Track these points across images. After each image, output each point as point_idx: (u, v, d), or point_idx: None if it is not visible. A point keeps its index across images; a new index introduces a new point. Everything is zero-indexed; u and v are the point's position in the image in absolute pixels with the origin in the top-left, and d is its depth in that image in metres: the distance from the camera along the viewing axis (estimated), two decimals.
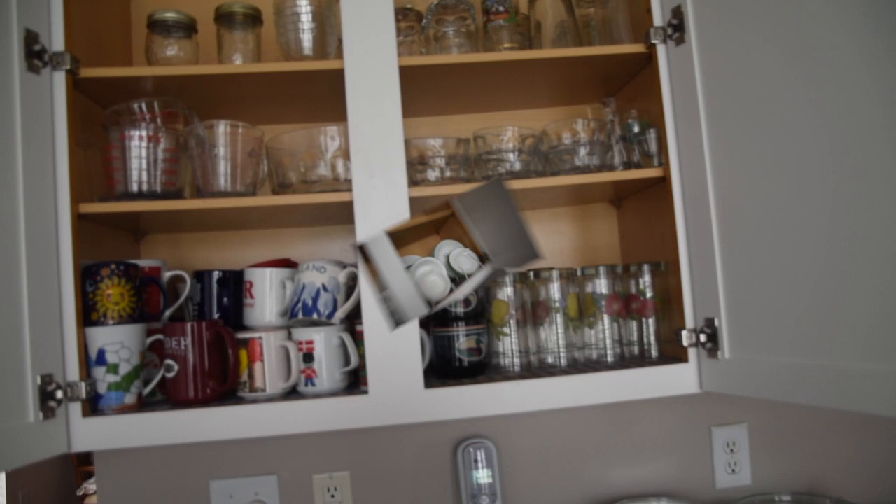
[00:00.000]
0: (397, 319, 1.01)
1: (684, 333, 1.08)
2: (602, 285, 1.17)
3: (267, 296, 1.14)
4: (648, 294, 1.18)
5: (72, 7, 1.04)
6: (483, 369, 1.12)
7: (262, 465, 1.37)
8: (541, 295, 1.17)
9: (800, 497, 1.36)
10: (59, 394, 0.97)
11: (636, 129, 1.17)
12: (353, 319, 1.13)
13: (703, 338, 1.05)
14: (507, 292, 1.15)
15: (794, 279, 0.88)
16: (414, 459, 1.39)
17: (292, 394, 1.10)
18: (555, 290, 1.16)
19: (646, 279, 1.18)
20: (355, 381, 1.12)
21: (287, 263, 1.24)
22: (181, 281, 1.19)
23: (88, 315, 1.03)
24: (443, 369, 1.11)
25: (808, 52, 0.84)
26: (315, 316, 1.07)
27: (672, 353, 1.14)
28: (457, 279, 1.08)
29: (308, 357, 1.07)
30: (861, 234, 0.78)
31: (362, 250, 1.02)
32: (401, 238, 1.05)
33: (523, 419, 1.41)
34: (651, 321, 1.18)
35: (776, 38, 0.88)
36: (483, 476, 1.30)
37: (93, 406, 1.03)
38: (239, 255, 1.35)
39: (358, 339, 1.08)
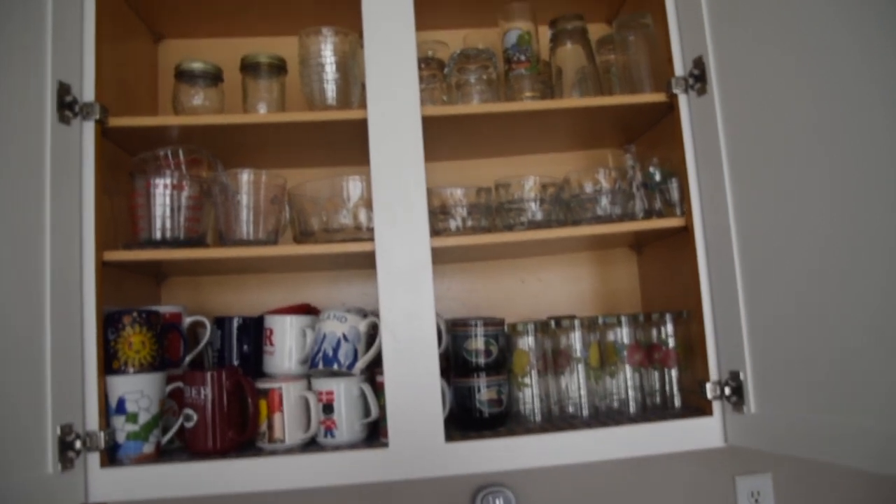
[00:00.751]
0: None
1: (708, 386, 1.06)
2: (624, 334, 1.16)
3: (287, 344, 1.14)
4: (671, 343, 1.16)
5: (102, 58, 1.07)
6: (504, 420, 1.11)
7: None
8: (562, 343, 1.16)
9: None
10: (78, 444, 0.96)
11: (658, 177, 1.17)
12: (374, 369, 1.12)
13: (727, 391, 1.04)
14: (528, 342, 1.14)
15: (821, 332, 0.86)
16: None
17: (311, 445, 1.09)
18: (576, 338, 1.15)
19: (668, 328, 1.17)
20: (375, 432, 1.11)
21: (307, 309, 1.24)
22: (201, 326, 1.19)
23: (109, 363, 1.04)
24: (463, 420, 1.10)
25: (832, 103, 0.83)
26: (335, 366, 1.07)
27: (695, 403, 1.12)
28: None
29: (328, 408, 1.07)
30: (892, 287, 0.77)
31: None
32: None
33: (544, 468, 1.39)
34: (674, 371, 1.17)
35: (799, 89, 0.88)
36: None
37: (110, 456, 1.02)
38: (258, 299, 1.35)
39: (378, 389, 1.07)
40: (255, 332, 1.19)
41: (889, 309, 0.77)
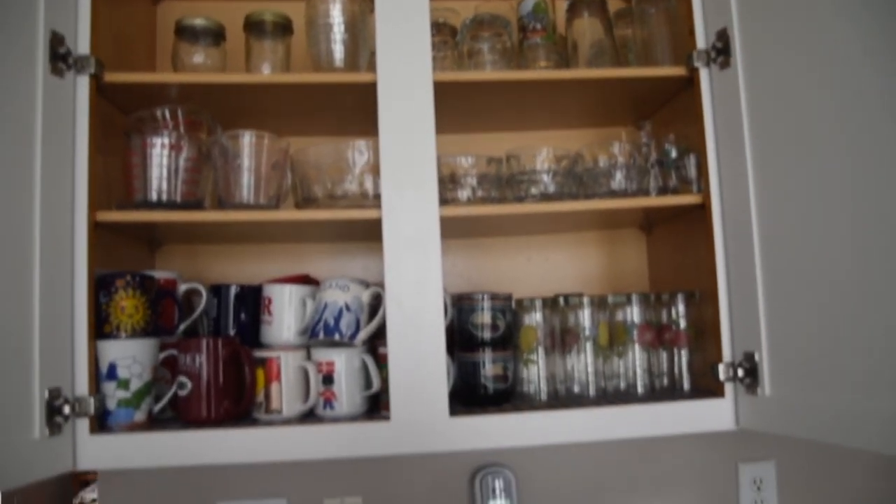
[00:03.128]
0: None
1: (721, 367, 1.03)
2: (634, 314, 1.12)
3: (286, 313, 1.09)
4: (682, 325, 1.13)
5: (99, 10, 1.02)
6: (509, 397, 1.08)
7: (271, 488, 1.31)
8: (570, 322, 1.13)
9: None
10: (67, 409, 0.92)
11: (674, 154, 1.14)
12: (375, 342, 1.08)
13: (741, 372, 1.01)
14: (535, 318, 1.11)
15: (842, 314, 0.83)
16: (429, 487, 1.33)
17: (310, 417, 1.05)
18: (585, 316, 1.12)
19: (679, 309, 1.14)
20: (376, 406, 1.07)
21: (306, 280, 1.20)
22: (197, 294, 1.15)
23: (100, 327, 0.99)
24: (467, 396, 1.07)
25: (859, 80, 0.79)
26: (337, 337, 1.03)
27: (705, 386, 1.09)
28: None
29: (328, 379, 1.03)
30: None
31: None
32: None
33: (545, 450, 1.36)
34: (684, 352, 1.13)
35: (830, 64, 0.84)
36: None
37: (101, 423, 0.98)
38: (256, 270, 1.31)
39: (381, 362, 1.04)
40: (252, 301, 1.14)
41: None
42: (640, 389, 1.13)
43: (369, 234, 1.05)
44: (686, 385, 1.14)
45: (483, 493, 1.26)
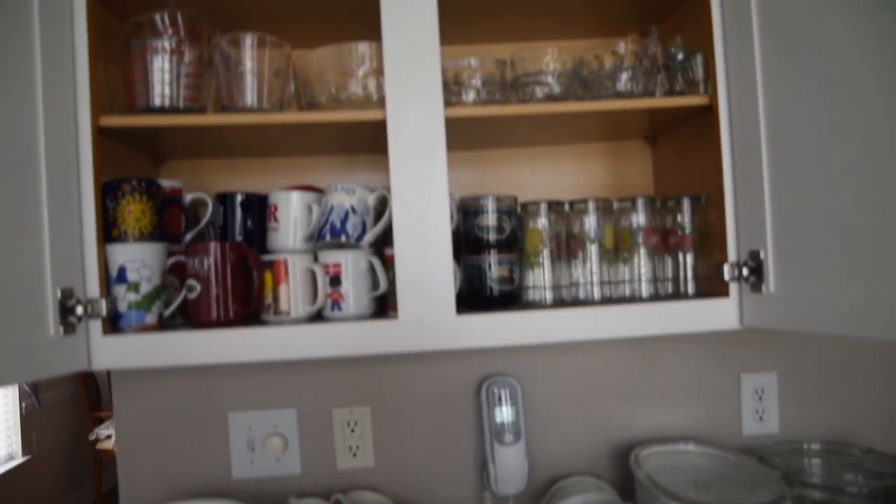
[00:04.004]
0: None
1: (726, 267, 1.03)
2: (640, 217, 1.12)
3: (292, 220, 1.10)
4: (687, 228, 1.13)
5: None
6: (514, 300, 1.09)
7: (281, 399, 1.35)
8: (575, 228, 1.13)
9: (830, 446, 1.33)
10: (80, 310, 0.93)
11: (680, 56, 1.12)
12: (381, 246, 1.09)
13: (745, 272, 1.01)
14: (541, 222, 1.11)
15: (852, 204, 0.82)
16: (436, 396, 1.36)
17: (318, 319, 1.06)
18: (591, 221, 1.12)
19: (685, 213, 1.13)
20: (383, 308, 1.09)
21: (311, 190, 1.19)
22: (202, 206, 1.15)
23: (108, 232, 1.00)
24: (473, 298, 1.08)
25: None
26: (343, 238, 1.03)
27: (708, 291, 1.10)
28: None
29: (335, 281, 1.04)
30: None
31: None
32: None
33: (549, 359, 1.38)
34: (689, 257, 1.14)
35: None
36: (507, 414, 1.27)
37: (113, 325, 1.00)
38: (261, 184, 1.31)
39: (387, 263, 1.04)
40: (258, 209, 1.14)
41: None
42: (644, 295, 1.13)
43: (374, 144, 1.04)
44: (691, 290, 1.14)
45: (489, 402, 1.28)
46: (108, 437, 4.42)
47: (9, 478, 4.08)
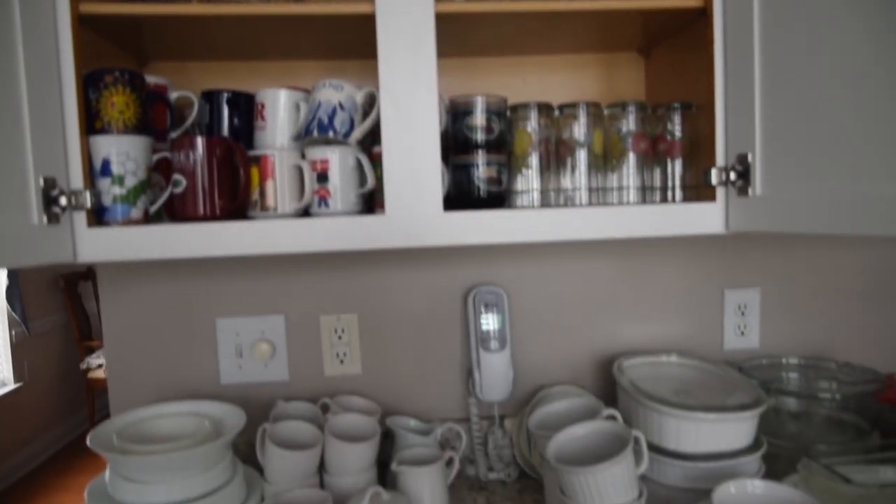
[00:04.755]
0: None
1: (714, 171, 1.03)
2: (630, 122, 1.12)
3: (279, 117, 1.08)
4: (677, 134, 1.13)
5: None
6: (502, 202, 1.08)
7: (268, 305, 1.35)
8: (565, 133, 1.12)
9: (807, 360, 1.36)
10: (63, 200, 0.92)
11: None
12: (370, 145, 1.08)
13: (733, 176, 1.01)
14: (530, 125, 1.10)
15: (843, 102, 0.81)
16: (424, 305, 1.38)
17: (305, 215, 1.06)
18: (580, 126, 1.11)
19: (675, 120, 1.13)
20: (370, 207, 1.08)
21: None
22: (188, 105, 1.13)
23: (92, 124, 0.98)
24: (461, 200, 1.07)
25: None
26: (331, 134, 1.02)
27: (696, 199, 1.10)
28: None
29: (322, 177, 1.03)
30: None
31: None
32: None
33: (534, 269, 1.39)
34: (678, 164, 1.14)
35: None
36: (493, 321, 1.28)
37: (98, 219, 0.99)
38: (248, 87, 1.28)
39: (375, 161, 1.04)
40: (245, 107, 1.13)
41: None
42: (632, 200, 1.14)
43: (364, 47, 1.02)
44: (678, 198, 1.15)
45: (476, 309, 1.29)
46: (100, 366, 4.46)
47: (0, 403, 4.13)
